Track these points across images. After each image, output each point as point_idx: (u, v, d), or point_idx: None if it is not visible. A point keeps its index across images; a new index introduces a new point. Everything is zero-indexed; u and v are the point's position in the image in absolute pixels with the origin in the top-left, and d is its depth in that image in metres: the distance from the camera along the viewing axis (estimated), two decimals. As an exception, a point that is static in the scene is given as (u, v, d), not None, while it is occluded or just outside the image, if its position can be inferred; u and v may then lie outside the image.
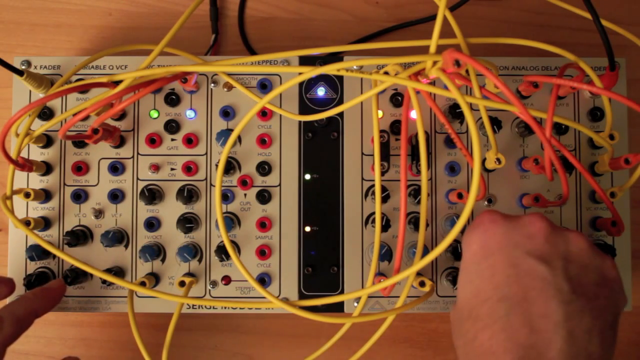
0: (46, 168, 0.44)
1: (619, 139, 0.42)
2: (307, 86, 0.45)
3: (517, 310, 0.31)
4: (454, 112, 0.43)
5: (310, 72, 0.37)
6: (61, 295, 0.42)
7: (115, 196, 0.44)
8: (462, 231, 0.38)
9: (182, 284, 0.42)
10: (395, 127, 0.44)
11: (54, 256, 0.44)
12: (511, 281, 0.31)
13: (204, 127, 0.45)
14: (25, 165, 0.41)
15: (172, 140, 0.45)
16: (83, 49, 0.51)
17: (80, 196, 0.44)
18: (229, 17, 0.52)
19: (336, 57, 0.45)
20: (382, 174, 0.42)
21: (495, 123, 0.44)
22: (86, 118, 0.44)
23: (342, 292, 0.44)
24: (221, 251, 0.43)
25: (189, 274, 0.44)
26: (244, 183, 0.44)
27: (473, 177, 0.31)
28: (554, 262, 0.32)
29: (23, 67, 0.44)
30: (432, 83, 0.41)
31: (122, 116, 0.45)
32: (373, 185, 0.44)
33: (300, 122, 0.45)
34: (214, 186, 0.44)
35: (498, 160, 0.40)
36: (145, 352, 0.40)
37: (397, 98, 0.44)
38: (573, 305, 0.30)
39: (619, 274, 0.34)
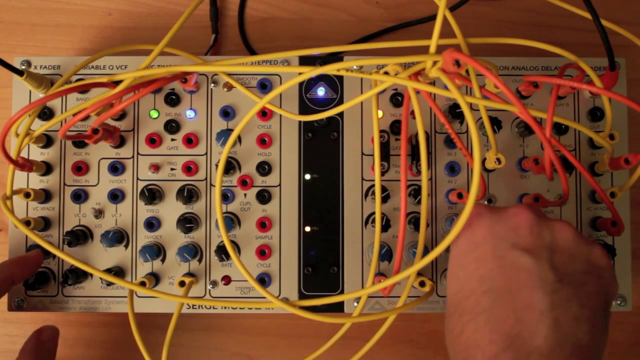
0: (46, 168, 0.44)
1: (619, 139, 0.42)
2: (307, 86, 0.45)
3: (502, 302, 0.30)
4: (454, 112, 0.43)
5: (310, 72, 0.37)
6: (38, 264, 0.42)
7: (115, 196, 0.44)
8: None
9: (182, 284, 0.42)
10: (395, 127, 0.44)
11: (54, 256, 0.44)
12: (495, 274, 0.31)
13: (204, 127, 0.45)
14: (25, 165, 0.41)
15: (172, 140, 0.45)
16: (83, 49, 0.51)
17: (80, 196, 0.44)
18: (229, 17, 0.52)
19: (336, 57, 0.46)
20: (382, 174, 0.42)
21: (495, 123, 0.44)
22: (86, 118, 0.44)
23: (342, 292, 0.44)
24: (221, 251, 0.43)
25: (189, 274, 0.44)
26: (244, 183, 0.44)
27: (473, 177, 0.31)
28: (539, 253, 0.32)
29: (23, 67, 0.44)
30: (432, 83, 0.41)
31: (122, 116, 0.45)
32: (373, 185, 0.44)
33: (300, 122, 0.45)
34: (214, 186, 0.44)
35: (498, 160, 0.40)
36: (146, 352, 0.40)
37: (397, 98, 0.44)
38: (559, 294, 0.30)
39: (609, 260, 0.33)
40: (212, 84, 0.45)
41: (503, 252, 0.32)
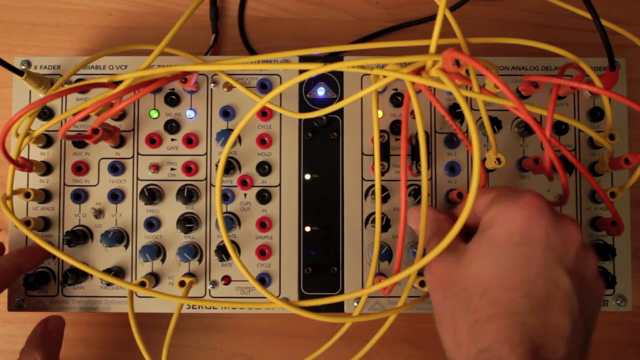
0: (46, 168, 0.44)
1: (619, 139, 0.43)
2: (307, 86, 0.45)
3: (538, 312, 0.31)
4: (454, 112, 0.44)
5: (314, 70, 0.37)
6: (45, 255, 0.43)
7: (115, 196, 0.44)
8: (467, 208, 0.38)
9: (182, 284, 0.42)
10: (395, 127, 0.44)
11: (54, 256, 0.44)
12: (539, 282, 0.31)
13: (204, 127, 0.45)
14: (25, 165, 0.41)
15: (172, 140, 0.45)
16: (83, 49, 0.51)
17: (80, 196, 0.44)
18: (229, 17, 0.53)
19: (336, 57, 0.46)
20: (382, 174, 0.42)
21: (495, 123, 0.44)
22: (86, 118, 0.44)
23: (342, 292, 0.44)
24: (221, 251, 0.43)
25: (189, 274, 0.44)
26: (244, 183, 0.44)
27: (473, 177, 0.31)
28: (575, 278, 0.32)
29: (23, 67, 0.44)
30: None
31: (122, 116, 0.45)
32: (373, 185, 0.44)
33: (300, 122, 0.45)
34: (214, 186, 0.44)
35: (498, 160, 0.40)
36: (146, 352, 0.39)
37: (397, 98, 0.44)
38: (578, 325, 0.31)
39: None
40: (212, 84, 0.45)
41: (551, 264, 0.32)
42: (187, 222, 0.43)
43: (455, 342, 0.33)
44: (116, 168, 0.44)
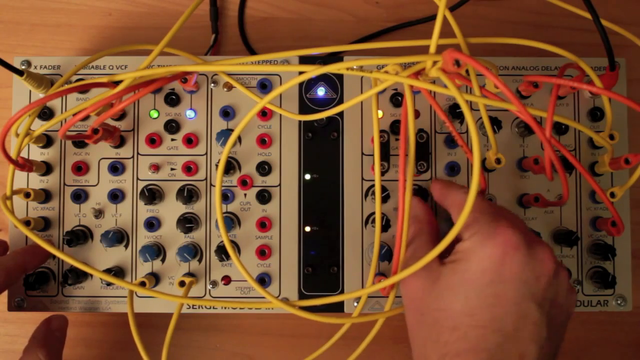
0: (46, 168, 0.44)
1: (619, 139, 0.42)
2: (307, 86, 0.45)
3: (506, 347, 0.32)
4: (454, 112, 0.44)
5: (312, 71, 0.37)
6: (48, 254, 0.43)
7: (115, 196, 0.44)
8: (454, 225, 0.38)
9: (182, 284, 0.42)
10: (395, 127, 0.44)
11: (54, 256, 0.44)
12: (510, 318, 0.32)
13: (204, 127, 0.45)
14: (25, 165, 0.41)
15: (172, 140, 0.45)
16: (83, 49, 0.51)
17: (80, 196, 0.44)
18: (229, 17, 0.53)
19: (336, 57, 0.46)
20: (382, 174, 0.42)
21: (495, 123, 0.44)
22: (86, 118, 0.44)
23: (342, 292, 0.44)
24: (221, 251, 0.43)
25: (189, 274, 0.44)
26: (244, 183, 0.44)
27: (473, 177, 0.31)
28: (545, 306, 0.33)
29: (23, 67, 0.44)
30: (432, 82, 0.41)
31: (122, 116, 0.45)
32: (373, 185, 0.44)
33: (300, 122, 0.45)
34: (214, 186, 0.44)
35: (498, 160, 0.40)
36: (145, 353, 0.39)
37: (397, 98, 0.44)
38: (544, 350, 0.32)
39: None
40: (212, 84, 0.45)
41: (521, 300, 0.32)
42: (187, 222, 0.43)
43: None
44: (116, 168, 0.44)
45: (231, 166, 0.44)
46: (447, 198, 0.40)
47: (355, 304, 0.43)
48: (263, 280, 0.44)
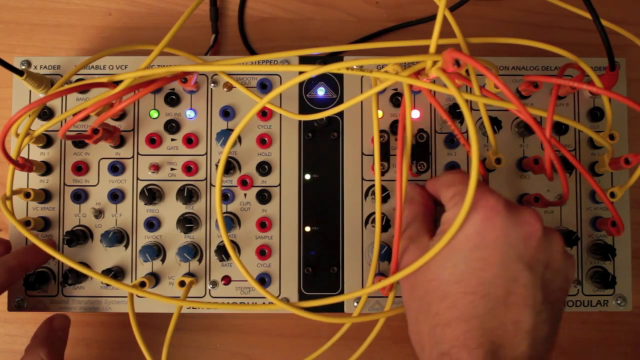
0: (46, 168, 0.44)
1: (619, 139, 0.42)
2: (307, 86, 0.45)
3: (496, 312, 0.31)
4: (454, 112, 0.44)
5: (312, 71, 0.37)
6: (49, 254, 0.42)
7: (115, 196, 0.44)
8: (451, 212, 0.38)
9: (182, 284, 0.42)
10: (395, 127, 0.44)
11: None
12: (497, 282, 0.32)
13: (204, 127, 0.45)
14: (25, 165, 0.41)
15: (172, 140, 0.45)
16: (83, 49, 0.51)
17: (80, 196, 0.44)
18: (229, 17, 0.53)
19: (336, 57, 0.46)
20: (382, 174, 0.42)
21: (495, 123, 0.44)
22: (86, 118, 0.44)
23: (342, 292, 0.44)
24: (221, 251, 0.43)
25: (189, 274, 0.44)
26: (244, 183, 0.44)
27: (471, 177, 0.31)
28: (537, 268, 0.32)
29: (23, 67, 0.44)
30: (432, 82, 0.41)
31: (122, 116, 0.45)
32: (373, 185, 0.44)
33: (300, 122, 0.45)
34: (214, 186, 0.44)
35: (498, 160, 0.40)
36: (147, 352, 0.39)
37: (397, 98, 0.44)
38: (541, 316, 0.32)
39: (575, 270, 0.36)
40: (212, 84, 0.45)
41: (509, 262, 0.32)
42: (187, 222, 0.43)
43: (419, 343, 0.34)
44: (116, 168, 0.44)
45: (231, 166, 0.44)
46: (436, 183, 0.39)
47: (355, 304, 0.43)
48: (263, 280, 0.44)
